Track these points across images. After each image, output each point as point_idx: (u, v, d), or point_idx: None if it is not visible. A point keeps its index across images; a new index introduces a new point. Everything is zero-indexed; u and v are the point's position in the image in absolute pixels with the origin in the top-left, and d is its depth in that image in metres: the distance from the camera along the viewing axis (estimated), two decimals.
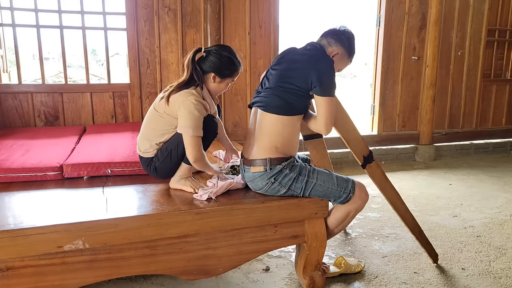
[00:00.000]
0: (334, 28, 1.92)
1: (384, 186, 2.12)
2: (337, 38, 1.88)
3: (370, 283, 2.04)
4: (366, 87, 15.46)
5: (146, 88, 3.66)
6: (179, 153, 1.87)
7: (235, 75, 1.94)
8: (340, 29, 1.91)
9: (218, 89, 1.94)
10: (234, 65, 1.90)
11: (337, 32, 1.90)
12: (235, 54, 1.92)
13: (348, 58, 1.93)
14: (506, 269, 2.19)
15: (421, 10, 4.42)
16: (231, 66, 1.89)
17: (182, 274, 1.70)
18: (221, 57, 1.86)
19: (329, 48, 1.87)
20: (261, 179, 1.80)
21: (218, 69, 1.86)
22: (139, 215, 1.59)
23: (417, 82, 4.57)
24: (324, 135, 1.88)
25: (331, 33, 1.90)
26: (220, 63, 1.86)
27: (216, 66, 1.86)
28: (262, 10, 3.88)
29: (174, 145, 1.87)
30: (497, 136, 5.10)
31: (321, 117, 1.79)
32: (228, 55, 1.87)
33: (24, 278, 1.47)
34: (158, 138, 1.92)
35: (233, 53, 1.91)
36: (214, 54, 1.86)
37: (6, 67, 3.73)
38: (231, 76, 1.92)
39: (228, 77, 1.91)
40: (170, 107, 1.83)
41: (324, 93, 1.76)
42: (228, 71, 1.89)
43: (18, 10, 3.33)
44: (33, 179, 2.00)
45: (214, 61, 1.85)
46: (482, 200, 3.27)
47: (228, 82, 1.94)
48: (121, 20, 3.53)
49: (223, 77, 1.89)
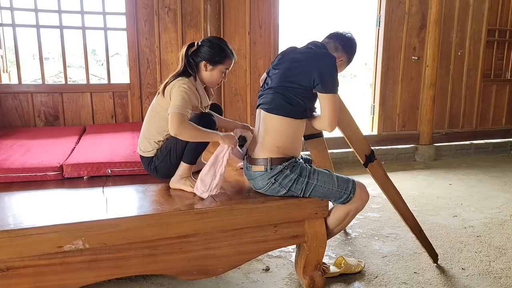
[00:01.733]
0: (342, 34, 1.93)
1: (386, 185, 2.13)
2: (344, 45, 1.90)
3: (370, 283, 2.04)
4: (366, 87, 15.46)
5: (146, 88, 3.66)
6: (178, 152, 1.87)
7: (227, 62, 1.94)
8: (347, 35, 1.92)
9: (212, 78, 1.95)
10: (224, 51, 1.91)
11: (345, 39, 1.91)
12: (226, 43, 1.95)
13: (347, 65, 1.98)
14: (506, 269, 2.19)
15: (421, 10, 4.42)
16: (222, 53, 1.90)
17: (182, 274, 1.70)
18: (211, 45, 1.90)
19: (335, 53, 1.88)
20: (261, 178, 1.80)
21: (209, 57, 1.90)
22: (139, 215, 1.59)
23: (417, 82, 4.57)
24: (329, 132, 1.86)
25: (339, 39, 1.91)
26: (210, 50, 1.89)
27: (206, 54, 1.89)
28: (262, 10, 3.88)
29: (173, 144, 1.88)
30: (497, 136, 5.10)
31: (325, 115, 1.79)
32: (217, 43, 1.91)
33: (24, 278, 1.47)
34: (157, 136, 1.93)
35: (223, 41, 1.95)
36: (204, 44, 1.91)
37: (6, 67, 3.73)
38: (223, 63, 1.92)
39: (219, 63, 1.91)
40: (166, 98, 1.86)
41: (327, 90, 1.76)
42: (219, 57, 1.90)
43: (18, 10, 3.33)
44: (33, 179, 2.00)
45: (205, 50, 1.90)
46: (482, 200, 3.27)
47: (221, 69, 1.93)
48: (121, 20, 3.53)
49: (214, 64, 1.91)
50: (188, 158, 1.89)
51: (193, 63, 1.90)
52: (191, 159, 1.89)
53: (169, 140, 1.90)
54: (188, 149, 1.87)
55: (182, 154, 1.87)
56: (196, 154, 1.91)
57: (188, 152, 1.88)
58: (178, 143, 1.86)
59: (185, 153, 1.88)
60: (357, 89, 15.91)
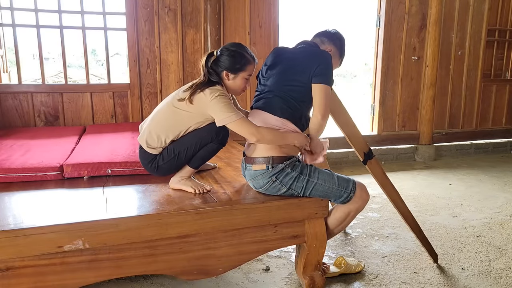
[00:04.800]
0: (327, 30, 2.03)
1: (385, 182, 2.16)
2: (329, 38, 1.99)
3: (370, 283, 2.04)
4: (366, 87, 15.46)
5: (146, 88, 3.66)
6: (187, 157, 1.85)
7: (249, 68, 1.86)
8: (331, 31, 2.02)
9: (235, 86, 1.88)
10: (244, 58, 1.84)
11: (329, 33, 2.01)
12: (245, 48, 1.86)
13: (339, 59, 2.02)
14: (506, 269, 2.19)
15: (421, 10, 4.42)
16: (242, 60, 1.83)
17: (182, 274, 1.70)
18: (230, 53, 1.83)
19: (322, 46, 1.96)
20: (262, 177, 1.80)
21: (229, 65, 1.83)
22: (139, 215, 1.59)
23: (417, 82, 4.57)
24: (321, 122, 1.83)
25: (323, 34, 2.01)
26: (229, 58, 1.82)
27: (226, 63, 1.83)
28: (262, 10, 3.88)
29: (183, 148, 1.83)
30: (497, 136, 5.10)
31: (316, 105, 1.80)
32: (235, 49, 1.83)
33: (24, 278, 1.47)
34: (169, 135, 1.84)
35: (242, 47, 1.86)
36: (224, 52, 1.84)
37: (6, 67, 3.73)
38: (244, 70, 1.85)
39: (241, 71, 1.84)
40: (195, 105, 1.78)
41: (321, 81, 1.78)
42: (239, 65, 1.83)
43: (18, 10, 3.33)
44: (33, 179, 2.00)
45: (224, 59, 1.82)
46: (482, 200, 3.27)
47: (244, 76, 1.86)
48: (121, 20, 3.54)
49: (235, 72, 1.84)
50: (195, 164, 1.88)
51: (214, 73, 1.84)
52: (198, 164, 1.89)
53: (179, 143, 1.84)
54: (198, 156, 1.86)
55: (190, 159, 1.85)
56: (205, 161, 1.91)
57: (198, 159, 1.87)
58: (189, 149, 1.82)
59: (193, 159, 1.86)
60: (357, 89, 15.92)
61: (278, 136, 1.78)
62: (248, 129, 1.73)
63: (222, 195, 1.82)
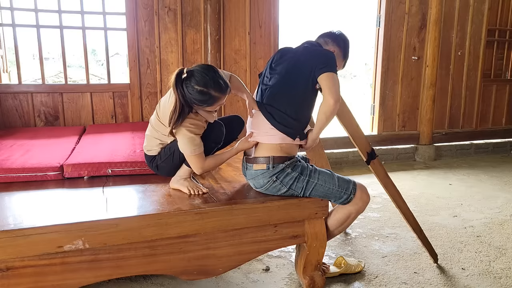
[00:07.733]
0: (331, 31, 2.02)
1: (387, 182, 2.17)
2: (333, 39, 1.99)
3: (370, 283, 2.04)
4: (366, 87, 15.46)
5: (146, 88, 3.66)
6: (181, 155, 1.87)
7: (218, 102, 1.78)
8: (336, 32, 2.01)
9: (207, 114, 1.86)
10: (211, 98, 1.74)
11: (333, 34, 2.00)
12: (214, 81, 1.73)
13: (343, 60, 2.01)
14: (506, 269, 2.19)
15: (421, 10, 4.42)
16: (209, 100, 1.75)
17: (182, 274, 1.70)
18: (197, 91, 1.72)
19: (326, 47, 1.96)
20: (262, 176, 1.81)
21: (198, 102, 1.75)
22: (139, 215, 1.59)
23: (417, 82, 4.57)
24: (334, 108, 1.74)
25: (327, 35, 2.01)
26: (197, 95, 1.73)
27: (194, 99, 1.74)
28: (262, 10, 3.88)
29: (177, 147, 1.86)
30: (497, 136, 5.10)
31: (326, 90, 1.74)
32: (202, 89, 1.72)
33: (24, 278, 1.47)
34: (167, 139, 1.93)
35: (209, 81, 1.72)
36: (191, 83, 1.72)
37: (6, 67, 3.73)
38: (212, 105, 1.78)
39: (210, 106, 1.78)
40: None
41: (325, 70, 1.75)
42: (207, 104, 1.76)
43: (18, 10, 3.33)
44: (33, 179, 2.00)
45: (193, 93, 1.73)
46: (482, 200, 3.27)
47: (211, 109, 1.83)
48: (121, 20, 3.53)
49: (205, 106, 1.79)
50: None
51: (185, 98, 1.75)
52: None
53: (174, 142, 1.88)
54: None
55: (184, 158, 1.87)
56: None
57: None
58: None
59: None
60: (357, 89, 15.91)
61: (219, 161, 1.91)
62: (194, 166, 1.83)
63: (222, 195, 1.83)
